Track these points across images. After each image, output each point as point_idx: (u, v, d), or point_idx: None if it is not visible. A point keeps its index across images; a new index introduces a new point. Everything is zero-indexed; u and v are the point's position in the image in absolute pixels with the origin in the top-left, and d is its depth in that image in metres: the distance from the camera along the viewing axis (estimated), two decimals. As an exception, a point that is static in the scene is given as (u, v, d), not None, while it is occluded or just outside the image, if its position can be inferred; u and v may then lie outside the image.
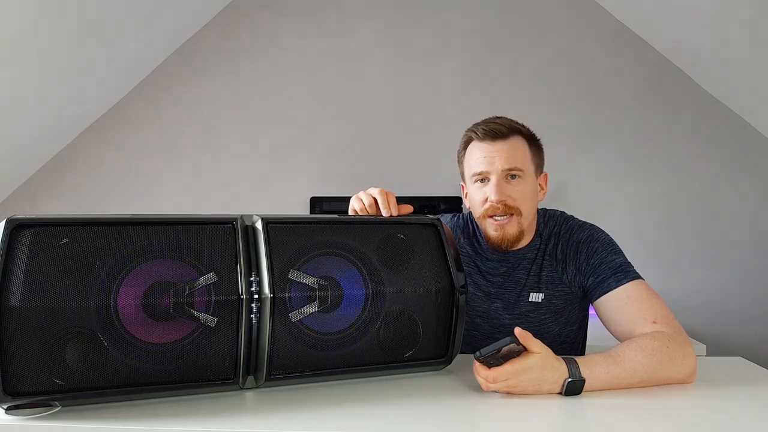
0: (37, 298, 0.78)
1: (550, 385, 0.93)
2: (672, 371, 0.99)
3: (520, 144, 1.22)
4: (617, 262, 1.19)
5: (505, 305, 1.27)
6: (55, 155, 2.76)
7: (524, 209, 1.21)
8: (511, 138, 1.21)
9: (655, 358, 0.98)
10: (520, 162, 1.20)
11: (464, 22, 2.70)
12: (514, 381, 0.91)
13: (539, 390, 0.93)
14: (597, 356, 0.98)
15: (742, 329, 2.56)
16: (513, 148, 1.21)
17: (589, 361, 0.96)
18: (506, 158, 1.20)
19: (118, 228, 0.86)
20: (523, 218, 1.21)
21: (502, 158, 1.20)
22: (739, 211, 2.58)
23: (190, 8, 2.63)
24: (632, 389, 0.97)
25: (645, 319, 1.07)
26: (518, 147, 1.22)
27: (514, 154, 1.20)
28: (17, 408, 0.80)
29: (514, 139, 1.22)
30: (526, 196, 1.21)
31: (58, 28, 2.14)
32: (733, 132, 2.58)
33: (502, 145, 1.20)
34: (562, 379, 0.93)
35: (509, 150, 1.20)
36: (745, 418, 0.87)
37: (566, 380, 0.93)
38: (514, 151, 1.21)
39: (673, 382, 1.00)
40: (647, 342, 1.00)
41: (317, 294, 0.93)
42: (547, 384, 0.93)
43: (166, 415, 0.83)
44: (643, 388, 0.98)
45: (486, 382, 0.93)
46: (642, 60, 2.62)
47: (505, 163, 1.19)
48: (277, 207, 2.66)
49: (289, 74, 2.74)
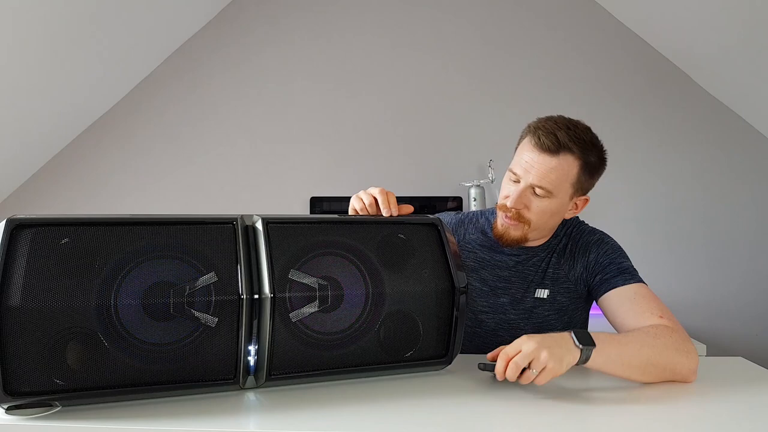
0: (38, 298, 0.78)
1: (562, 344, 0.93)
2: (675, 360, 0.99)
3: (567, 165, 1.16)
4: (625, 264, 1.21)
5: (512, 300, 1.27)
6: (55, 155, 2.76)
7: (535, 223, 1.21)
8: (560, 156, 1.15)
9: (659, 341, 1.00)
10: (552, 185, 1.16)
11: (465, 22, 2.70)
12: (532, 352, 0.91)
13: (559, 352, 0.91)
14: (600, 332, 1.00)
15: (742, 329, 2.56)
16: (554, 169, 1.15)
17: (593, 332, 0.98)
18: (541, 176, 1.15)
19: (118, 228, 0.86)
20: (531, 228, 1.22)
21: (538, 174, 1.15)
22: (740, 211, 2.58)
23: (190, 8, 2.63)
24: (633, 390, 0.97)
25: (651, 314, 1.09)
26: (562, 168, 1.15)
27: (552, 174, 1.15)
28: (17, 408, 0.80)
29: (564, 157, 1.15)
30: (545, 212, 1.19)
31: (57, 28, 2.14)
32: (733, 132, 2.58)
33: (547, 161, 1.15)
34: (566, 336, 0.94)
35: (549, 169, 1.15)
36: (745, 418, 0.87)
37: (571, 333, 0.94)
38: (554, 172, 1.15)
39: (677, 373, 1.00)
40: (651, 328, 1.03)
41: (317, 294, 0.93)
42: (559, 344, 0.92)
43: (166, 415, 0.83)
44: (642, 388, 0.98)
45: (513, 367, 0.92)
46: (642, 60, 2.62)
47: (536, 179, 1.16)
48: (277, 207, 2.66)
49: (290, 74, 2.74)
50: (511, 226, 1.22)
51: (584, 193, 1.24)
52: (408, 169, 2.68)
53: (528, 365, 0.92)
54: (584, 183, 1.21)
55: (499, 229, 1.25)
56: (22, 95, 2.29)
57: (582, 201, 1.25)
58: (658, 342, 0.99)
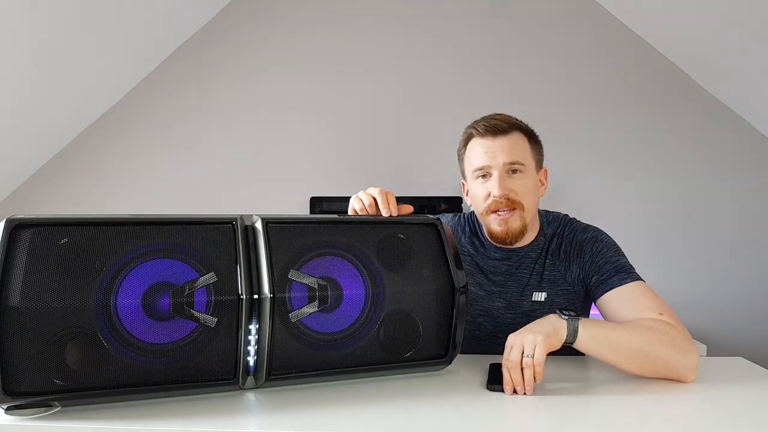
0: (37, 298, 0.78)
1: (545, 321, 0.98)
2: (669, 354, 0.98)
3: (521, 139, 1.24)
4: (621, 262, 1.20)
5: (508, 304, 1.27)
6: (55, 155, 2.76)
7: (527, 203, 1.22)
8: (512, 133, 1.23)
9: (654, 333, 0.99)
10: (521, 156, 1.22)
11: (464, 22, 2.70)
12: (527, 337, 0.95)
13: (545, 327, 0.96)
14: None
15: (742, 329, 2.56)
16: (514, 144, 1.22)
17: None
18: (508, 153, 1.20)
19: (118, 228, 0.86)
20: (526, 212, 1.22)
21: (504, 153, 1.20)
22: (740, 211, 2.58)
23: (190, 7, 2.63)
24: (633, 390, 0.97)
25: (651, 311, 1.07)
26: (519, 142, 1.23)
27: (515, 148, 1.21)
28: (17, 408, 0.80)
29: (515, 134, 1.23)
30: (528, 190, 1.22)
31: (57, 28, 2.14)
32: (733, 132, 2.58)
33: (503, 140, 1.21)
34: (552, 314, 0.99)
35: (510, 145, 1.21)
36: (745, 418, 0.87)
37: (556, 310, 0.99)
38: (515, 146, 1.22)
39: (671, 369, 0.99)
40: (647, 320, 1.03)
41: (317, 294, 0.93)
42: (541, 323, 0.98)
43: (166, 415, 0.83)
44: (641, 387, 0.98)
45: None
46: (642, 60, 2.62)
47: (506, 157, 1.20)
48: (277, 207, 2.66)
49: (290, 74, 2.74)
50: (508, 218, 1.21)
51: (541, 165, 1.30)
52: (408, 169, 2.68)
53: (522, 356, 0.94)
54: (537, 155, 1.27)
55: (497, 230, 1.23)
56: (21, 95, 2.28)
57: (543, 173, 1.31)
58: (651, 334, 0.99)
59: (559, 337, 0.96)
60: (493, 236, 1.25)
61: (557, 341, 0.96)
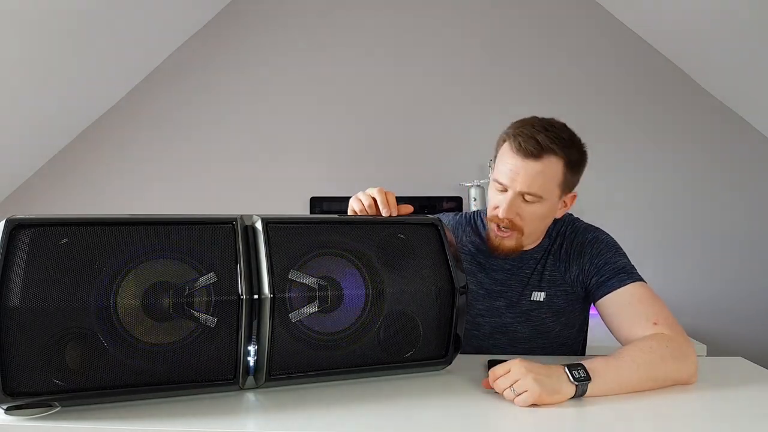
0: (37, 298, 0.78)
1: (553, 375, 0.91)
2: (673, 369, 0.99)
3: (552, 167, 1.14)
4: (621, 263, 1.19)
5: (508, 303, 1.27)
6: (55, 155, 2.76)
7: (528, 229, 1.20)
8: (545, 159, 1.13)
9: (655, 354, 0.98)
10: (541, 189, 1.14)
11: (465, 22, 2.70)
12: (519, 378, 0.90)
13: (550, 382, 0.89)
14: (595, 357, 0.98)
15: (742, 329, 2.56)
16: (540, 172, 1.13)
17: (586, 358, 0.96)
18: (528, 183, 1.14)
19: (118, 228, 0.86)
20: (525, 236, 1.21)
21: (524, 181, 1.14)
22: (740, 210, 2.58)
23: (190, 7, 2.63)
24: (633, 392, 0.97)
25: (646, 320, 1.07)
26: (547, 171, 1.14)
27: (539, 178, 1.14)
28: (17, 408, 0.80)
29: (548, 160, 1.14)
30: (537, 217, 1.18)
31: (57, 28, 2.14)
32: (733, 132, 2.58)
33: (531, 166, 1.13)
34: (560, 370, 0.92)
35: (535, 174, 1.13)
36: (745, 418, 0.87)
37: (564, 367, 0.92)
38: (540, 176, 1.14)
39: (677, 380, 1.00)
40: (645, 342, 1.01)
41: (317, 294, 0.93)
42: (549, 375, 0.90)
43: (166, 415, 0.83)
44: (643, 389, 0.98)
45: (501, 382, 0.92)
46: (643, 61, 2.62)
47: (524, 186, 1.14)
48: (277, 207, 2.66)
49: (290, 74, 2.74)
50: (504, 238, 1.20)
51: (571, 190, 1.23)
52: (408, 169, 2.68)
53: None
54: (570, 181, 1.20)
55: (493, 241, 1.23)
56: (21, 95, 2.28)
57: (570, 198, 1.24)
58: (654, 356, 0.97)
59: (557, 399, 0.90)
60: (488, 243, 1.25)
61: (551, 401, 0.90)
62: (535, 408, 0.88)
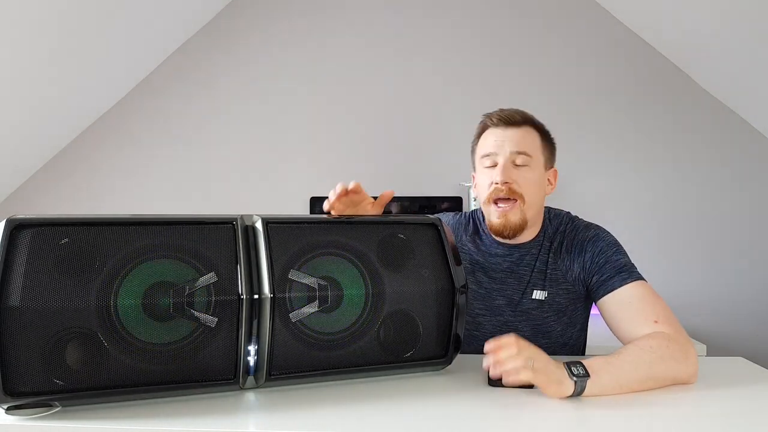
0: (37, 298, 0.78)
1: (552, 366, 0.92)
2: (673, 369, 0.99)
3: (532, 134, 1.25)
4: (622, 261, 1.19)
5: (508, 302, 1.27)
6: (55, 155, 2.76)
7: (528, 196, 1.21)
8: (524, 127, 1.24)
9: (655, 354, 0.98)
10: (528, 148, 1.22)
11: (464, 22, 2.70)
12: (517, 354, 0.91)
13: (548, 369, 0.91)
14: (594, 357, 0.98)
15: (742, 329, 2.56)
16: (523, 136, 1.23)
17: (586, 358, 0.96)
18: (516, 142, 1.22)
19: (118, 228, 0.86)
20: (527, 206, 1.21)
21: (512, 142, 1.22)
22: (739, 210, 2.58)
23: (190, 7, 2.63)
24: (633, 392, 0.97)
25: (647, 319, 1.07)
26: (529, 136, 1.24)
27: (524, 140, 1.23)
28: (17, 408, 0.80)
29: (527, 128, 1.25)
30: (532, 183, 1.22)
31: (57, 28, 2.14)
32: (733, 132, 2.58)
33: (514, 131, 1.23)
34: (562, 365, 0.93)
35: (520, 136, 1.23)
36: (745, 418, 0.87)
37: (565, 364, 0.93)
38: (525, 138, 1.23)
39: (677, 380, 1.00)
40: (646, 341, 1.01)
41: (317, 294, 0.93)
42: (548, 365, 0.92)
43: (166, 415, 0.83)
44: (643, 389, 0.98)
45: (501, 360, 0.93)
46: (642, 60, 2.62)
47: (514, 146, 1.21)
48: (277, 207, 2.66)
49: (289, 74, 2.74)
50: (508, 211, 1.21)
51: (551, 165, 1.30)
52: (408, 169, 2.68)
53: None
54: (548, 153, 1.28)
55: (496, 222, 1.23)
56: (22, 95, 2.29)
57: (552, 173, 1.30)
58: (654, 356, 0.98)
59: (558, 391, 0.91)
60: (493, 228, 1.25)
61: (551, 392, 0.91)
62: (535, 408, 0.88)
